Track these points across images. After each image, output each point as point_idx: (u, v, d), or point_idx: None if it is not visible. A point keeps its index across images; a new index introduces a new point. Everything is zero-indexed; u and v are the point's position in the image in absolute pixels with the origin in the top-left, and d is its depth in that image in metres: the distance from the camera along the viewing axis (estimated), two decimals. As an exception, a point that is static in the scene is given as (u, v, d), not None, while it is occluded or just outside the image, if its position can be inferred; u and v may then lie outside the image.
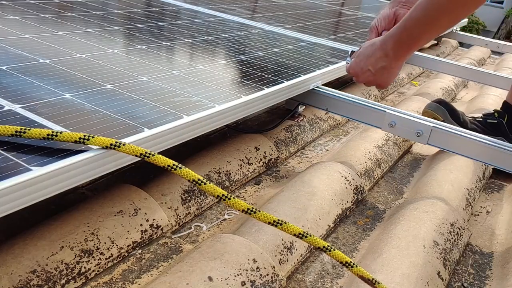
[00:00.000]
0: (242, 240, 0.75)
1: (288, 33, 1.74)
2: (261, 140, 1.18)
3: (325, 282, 0.80)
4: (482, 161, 1.07)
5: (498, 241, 1.02)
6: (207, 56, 1.23)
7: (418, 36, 0.91)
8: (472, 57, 2.79)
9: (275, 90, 1.05)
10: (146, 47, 1.21)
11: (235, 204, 0.67)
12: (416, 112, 1.55)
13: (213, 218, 0.92)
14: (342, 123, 1.55)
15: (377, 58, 0.99)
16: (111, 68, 1.00)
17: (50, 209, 0.83)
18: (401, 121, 1.13)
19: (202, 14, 1.84)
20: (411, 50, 0.95)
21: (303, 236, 0.67)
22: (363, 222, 1.00)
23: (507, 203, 1.19)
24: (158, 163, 0.66)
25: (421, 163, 1.33)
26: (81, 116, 0.75)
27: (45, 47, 1.06)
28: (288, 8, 2.45)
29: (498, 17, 14.63)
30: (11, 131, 0.63)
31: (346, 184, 1.04)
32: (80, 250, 0.71)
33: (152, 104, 0.84)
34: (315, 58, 1.40)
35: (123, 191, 0.84)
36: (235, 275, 0.69)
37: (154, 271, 0.75)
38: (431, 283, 0.79)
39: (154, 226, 0.82)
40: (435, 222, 0.92)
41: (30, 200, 0.58)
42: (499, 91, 2.06)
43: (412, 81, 2.27)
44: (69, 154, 0.63)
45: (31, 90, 0.81)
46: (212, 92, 0.96)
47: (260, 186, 1.07)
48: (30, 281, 0.64)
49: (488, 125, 1.40)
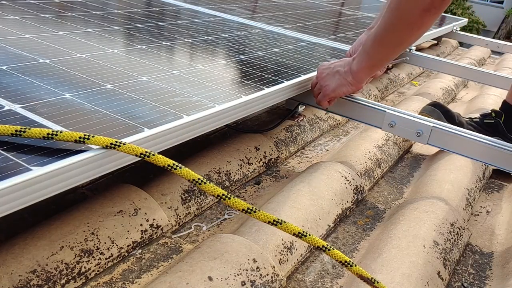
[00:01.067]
0: (242, 240, 0.75)
1: (288, 33, 1.74)
2: (261, 140, 1.18)
3: (325, 282, 0.80)
4: (482, 161, 1.07)
5: (498, 241, 1.02)
6: (207, 56, 1.23)
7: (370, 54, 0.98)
8: (472, 57, 2.79)
9: (275, 90, 1.05)
10: (146, 47, 1.21)
11: (235, 204, 0.67)
12: (416, 112, 1.55)
13: (213, 218, 0.92)
14: (342, 123, 1.55)
15: (341, 63, 1.05)
16: (111, 68, 1.00)
17: (50, 209, 0.83)
18: (401, 121, 1.13)
19: (202, 14, 1.84)
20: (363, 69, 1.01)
21: (302, 236, 0.67)
22: (363, 222, 1.00)
23: (507, 203, 1.19)
24: (158, 163, 0.66)
25: (421, 163, 1.33)
26: (81, 116, 0.75)
27: (45, 47, 1.06)
28: (288, 8, 2.45)
29: (498, 17, 14.63)
30: (11, 131, 0.63)
31: (346, 184, 1.04)
32: (80, 250, 0.71)
33: (152, 104, 0.84)
34: (315, 58, 1.40)
35: (123, 191, 0.84)
36: (235, 275, 0.69)
37: (154, 271, 0.75)
38: (431, 283, 0.79)
39: (154, 226, 0.82)
40: (435, 222, 0.92)
41: (30, 200, 0.58)
42: (499, 91, 2.06)
43: (412, 81, 2.27)
44: (69, 154, 0.63)
45: (31, 90, 0.81)
46: (212, 92, 0.96)
47: (260, 186, 1.07)
48: (30, 281, 0.64)
49: (485, 126, 1.41)
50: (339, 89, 1.05)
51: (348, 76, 1.03)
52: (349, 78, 1.03)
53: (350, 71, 1.02)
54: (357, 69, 1.01)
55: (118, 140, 0.66)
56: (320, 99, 1.10)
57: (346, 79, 1.04)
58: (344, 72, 1.03)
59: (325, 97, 1.09)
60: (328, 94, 1.07)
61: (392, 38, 0.93)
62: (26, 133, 0.63)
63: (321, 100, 1.10)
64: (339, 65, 1.05)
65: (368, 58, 0.99)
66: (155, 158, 0.66)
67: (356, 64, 1.01)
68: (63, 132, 0.64)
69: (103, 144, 0.65)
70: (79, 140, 0.64)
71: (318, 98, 1.11)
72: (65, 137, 0.64)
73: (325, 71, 1.08)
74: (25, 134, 0.63)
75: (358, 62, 1.00)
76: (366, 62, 0.99)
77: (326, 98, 1.09)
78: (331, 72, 1.06)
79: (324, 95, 1.08)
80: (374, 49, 0.97)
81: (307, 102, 1.28)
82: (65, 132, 0.64)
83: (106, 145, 0.65)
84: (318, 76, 1.09)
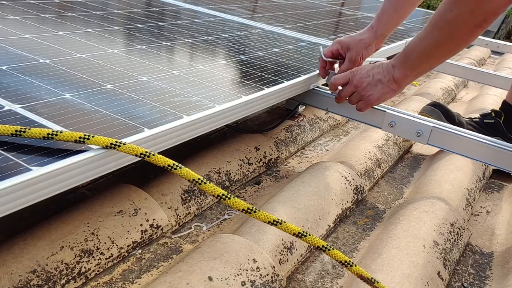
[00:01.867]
0: (242, 240, 0.75)
1: (288, 33, 1.74)
2: (261, 140, 1.18)
3: (325, 282, 0.80)
4: (482, 161, 1.07)
5: (498, 241, 1.02)
6: (207, 56, 1.23)
7: (415, 64, 1.00)
8: (472, 57, 2.79)
9: (275, 90, 1.05)
10: (146, 47, 1.21)
11: (235, 204, 0.67)
12: (416, 112, 1.55)
13: (213, 218, 0.92)
14: (342, 123, 1.55)
15: (380, 70, 1.05)
16: (111, 68, 1.00)
17: (50, 209, 0.83)
18: (401, 121, 1.13)
19: (202, 14, 1.84)
20: (409, 77, 1.03)
21: (302, 236, 0.67)
22: (363, 222, 1.00)
23: (507, 203, 1.19)
24: (158, 163, 0.66)
25: (421, 163, 1.33)
26: (81, 116, 0.75)
27: (45, 47, 1.06)
28: (288, 8, 2.45)
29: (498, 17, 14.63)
30: (11, 131, 0.63)
31: (346, 184, 1.04)
32: (80, 250, 0.71)
33: (152, 104, 0.85)
34: (315, 58, 1.40)
35: (123, 191, 0.84)
36: (235, 275, 0.69)
37: (154, 271, 0.75)
38: (431, 283, 0.79)
39: (154, 226, 0.82)
40: (435, 222, 0.92)
41: (30, 200, 0.58)
42: (499, 91, 2.06)
43: (412, 81, 2.27)
44: (69, 154, 0.63)
45: (31, 90, 0.82)
46: (212, 92, 0.96)
47: (260, 186, 1.07)
48: (30, 281, 0.64)
49: (485, 125, 1.41)
50: (384, 97, 1.07)
51: (392, 85, 1.04)
52: (393, 86, 1.05)
53: (393, 79, 1.03)
54: (401, 78, 1.03)
55: (118, 140, 0.66)
56: (362, 107, 1.11)
57: (389, 87, 1.05)
58: (387, 80, 1.04)
59: (369, 106, 1.10)
60: (373, 103, 1.09)
61: (441, 52, 0.95)
62: (26, 133, 0.63)
63: (363, 108, 1.11)
64: (378, 72, 1.06)
65: (413, 68, 1.01)
66: (155, 158, 0.66)
67: (399, 73, 1.02)
68: (63, 132, 0.64)
69: (103, 144, 0.65)
70: (79, 140, 0.64)
71: (359, 106, 1.11)
72: (65, 137, 0.64)
73: (364, 80, 1.07)
74: (25, 134, 0.63)
75: (403, 71, 1.02)
76: (410, 71, 1.01)
77: (370, 106, 1.10)
78: (372, 81, 1.06)
79: (368, 104, 1.09)
80: (420, 61, 0.99)
81: (307, 102, 1.28)
82: (65, 132, 0.64)
83: (106, 145, 0.65)
84: (358, 85, 1.08)
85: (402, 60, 1.02)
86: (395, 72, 1.03)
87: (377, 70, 1.06)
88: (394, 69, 1.03)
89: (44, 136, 0.63)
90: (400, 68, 1.02)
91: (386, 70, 1.04)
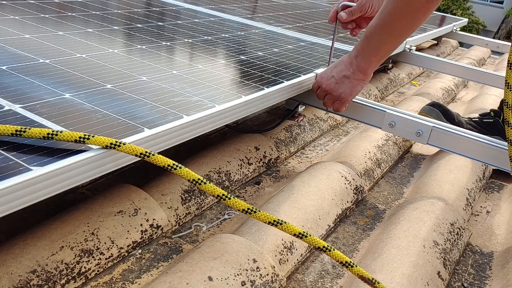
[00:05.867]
0: (242, 240, 0.75)
1: (288, 33, 1.74)
2: (261, 140, 1.18)
3: (325, 282, 0.80)
4: (482, 161, 1.07)
5: (498, 241, 1.02)
6: (207, 56, 1.23)
7: (377, 46, 0.99)
8: (472, 57, 2.79)
9: (275, 90, 1.05)
10: (146, 47, 1.21)
11: (235, 204, 0.67)
12: (416, 112, 1.55)
13: (213, 218, 0.92)
14: (342, 123, 1.55)
15: (342, 67, 1.05)
16: (111, 68, 1.00)
17: (50, 209, 0.83)
18: (401, 121, 1.13)
19: (202, 14, 1.84)
20: (372, 62, 1.02)
21: (302, 236, 0.67)
22: (363, 222, 1.00)
23: (507, 203, 1.19)
24: (158, 163, 0.66)
25: (421, 163, 1.33)
26: (81, 116, 0.75)
27: (45, 47, 1.06)
28: (288, 8, 2.45)
29: (498, 17, 14.62)
30: (11, 131, 0.63)
31: (346, 184, 1.04)
32: (80, 250, 0.71)
33: (152, 104, 0.84)
34: (315, 58, 1.40)
35: (123, 191, 0.84)
36: (235, 275, 0.69)
37: (154, 271, 0.75)
38: (431, 283, 0.79)
39: (154, 226, 0.82)
40: (435, 222, 0.92)
41: (30, 200, 0.58)
42: (499, 91, 2.06)
43: (412, 81, 2.27)
44: (69, 154, 0.63)
45: (31, 90, 0.81)
46: (212, 92, 0.96)
47: (260, 186, 1.07)
48: (30, 281, 0.64)
49: (484, 125, 1.41)
50: (355, 90, 1.06)
51: (358, 75, 1.04)
52: (359, 76, 1.04)
53: (358, 69, 1.03)
54: (366, 65, 1.02)
55: (118, 140, 0.66)
56: (339, 107, 1.10)
57: (357, 79, 1.04)
58: (352, 73, 1.04)
59: (345, 104, 1.10)
60: (347, 100, 1.08)
61: (398, 26, 0.94)
62: (26, 133, 0.63)
63: (340, 108, 1.11)
64: (341, 69, 1.05)
65: (375, 51, 1.00)
66: (155, 158, 0.66)
67: (362, 60, 1.02)
68: (63, 132, 0.64)
69: (103, 144, 0.65)
70: (79, 140, 0.64)
71: (335, 107, 1.11)
72: (65, 137, 0.64)
73: (330, 81, 1.07)
74: (25, 134, 0.63)
75: (365, 58, 1.01)
76: (373, 55, 1.00)
77: (345, 104, 1.10)
78: (337, 79, 1.06)
79: (343, 102, 1.09)
80: (380, 40, 0.98)
81: (307, 102, 1.28)
82: (65, 132, 0.64)
83: (106, 145, 0.65)
84: (326, 89, 1.08)
85: (363, 46, 1.01)
86: (359, 61, 1.02)
87: (340, 67, 1.06)
88: (357, 59, 1.02)
89: (44, 136, 0.63)
90: (362, 55, 1.01)
91: (348, 64, 1.04)
